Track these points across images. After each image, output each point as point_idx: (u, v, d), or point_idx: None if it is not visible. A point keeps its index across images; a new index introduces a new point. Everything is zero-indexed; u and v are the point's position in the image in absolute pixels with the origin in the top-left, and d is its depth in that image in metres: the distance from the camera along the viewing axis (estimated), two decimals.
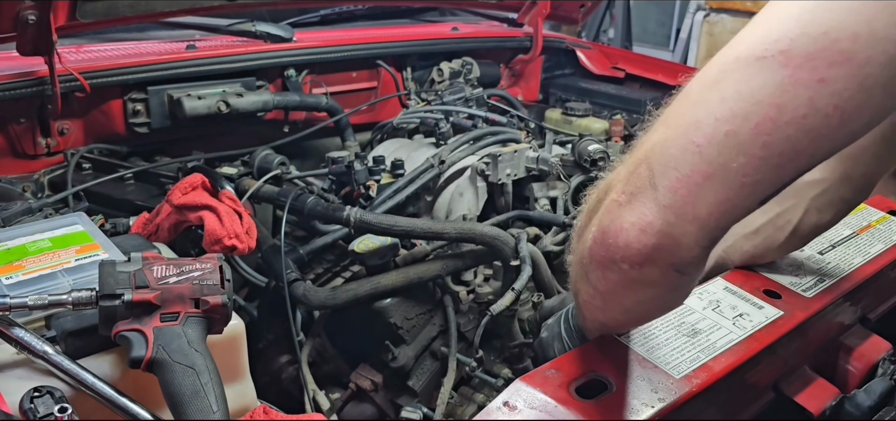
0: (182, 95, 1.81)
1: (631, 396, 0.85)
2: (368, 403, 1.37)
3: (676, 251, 0.68)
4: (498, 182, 1.69)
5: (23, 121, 1.70)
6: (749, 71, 0.63)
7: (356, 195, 1.60)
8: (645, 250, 0.69)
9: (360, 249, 1.38)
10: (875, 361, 1.13)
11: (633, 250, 0.69)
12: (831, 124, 0.61)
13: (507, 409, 0.83)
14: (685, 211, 0.66)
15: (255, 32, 2.07)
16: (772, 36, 0.62)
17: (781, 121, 0.61)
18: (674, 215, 0.66)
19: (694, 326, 0.98)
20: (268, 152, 1.74)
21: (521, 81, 2.68)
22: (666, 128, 0.68)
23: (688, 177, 0.65)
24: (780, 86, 0.61)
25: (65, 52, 1.71)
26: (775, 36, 0.62)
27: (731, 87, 0.64)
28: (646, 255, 0.69)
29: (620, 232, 0.70)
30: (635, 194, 0.68)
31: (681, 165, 0.65)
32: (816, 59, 0.60)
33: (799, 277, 1.13)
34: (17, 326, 0.89)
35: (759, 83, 0.62)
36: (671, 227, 0.67)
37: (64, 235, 1.14)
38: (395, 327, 1.36)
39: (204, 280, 0.95)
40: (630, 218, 0.68)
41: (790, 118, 0.61)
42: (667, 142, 0.67)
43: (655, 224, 0.67)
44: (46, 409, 0.82)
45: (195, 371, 0.88)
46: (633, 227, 0.68)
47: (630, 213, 0.68)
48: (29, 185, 1.66)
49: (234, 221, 1.28)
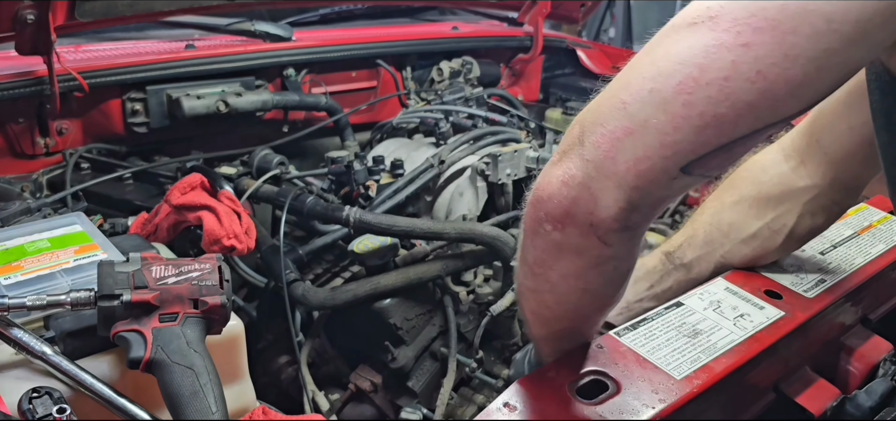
0: (181, 95, 1.81)
1: (631, 397, 0.85)
2: (368, 404, 1.37)
3: (594, 208, 0.69)
4: (498, 182, 1.68)
5: (21, 120, 1.70)
6: (680, 35, 0.65)
7: (355, 195, 1.60)
8: (565, 202, 0.70)
9: (359, 250, 1.38)
10: (876, 361, 1.13)
11: (554, 203, 0.71)
12: (753, 90, 0.62)
13: (507, 409, 0.82)
14: (605, 165, 0.67)
15: (254, 32, 2.06)
16: (705, 4, 0.64)
17: (703, 80, 0.62)
18: (594, 169, 0.67)
19: (695, 327, 0.98)
20: (267, 152, 1.74)
21: (522, 81, 2.68)
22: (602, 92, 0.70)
23: (611, 132, 0.66)
24: (704, 48, 0.62)
25: (63, 51, 1.71)
26: (708, 4, 0.64)
27: (661, 50, 0.66)
28: (566, 208, 0.70)
29: (546, 186, 0.71)
30: (566, 152, 0.70)
31: (606, 121, 0.67)
32: (742, 23, 0.61)
33: (800, 277, 1.13)
34: (16, 327, 0.89)
35: (686, 45, 0.64)
36: (591, 180, 0.68)
37: (62, 236, 1.14)
38: (395, 328, 1.36)
39: (203, 280, 0.94)
40: (556, 173, 0.70)
41: (711, 79, 0.62)
42: (599, 102, 0.69)
43: (577, 177, 0.69)
44: (45, 409, 0.82)
45: (194, 372, 0.87)
46: (558, 180, 0.70)
47: (557, 168, 0.70)
48: (27, 185, 1.66)
49: (233, 221, 1.28)
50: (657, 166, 0.66)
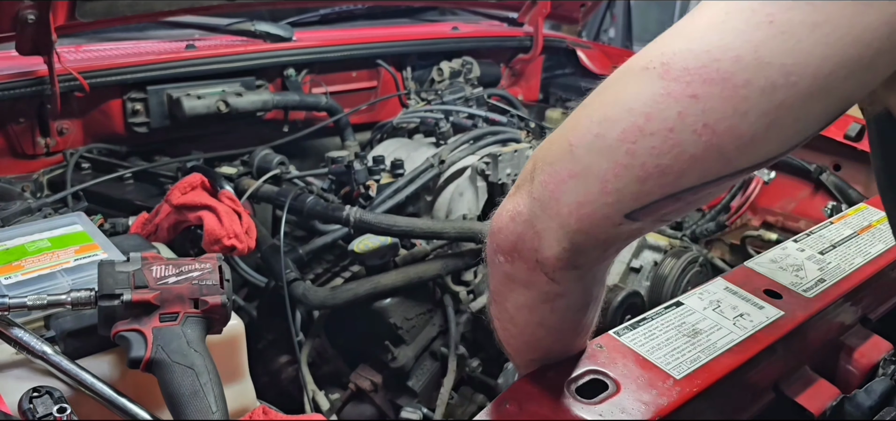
0: (181, 95, 1.81)
1: (631, 396, 0.85)
2: (368, 404, 1.37)
3: (539, 246, 0.69)
4: (498, 182, 1.69)
5: (22, 120, 1.70)
6: (629, 79, 0.64)
7: (356, 195, 1.60)
8: (512, 237, 0.71)
9: (359, 249, 1.38)
10: (876, 361, 1.13)
11: (502, 236, 0.72)
12: (699, 143, 0.60)
13: (507, 409, 0.82)
14: (550, 205, 0.67)
15: (255, 32, 2.07)
16: (659, 49, 0.63)
17: (647, 130, 0.61)
18: (540, 208, 0.68)
19: (694, 326, 0.98)
20: (267, 152, 1.74)
21: (522, 81, 2.68)
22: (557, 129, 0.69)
23: (557, 173, 0.66)
24: (652, 96, 0.61)
25: (64, 51, 1.71)
26: (662, 49, 0.62)
27: (611, 94, 0.65)
28: (512, 242, 0.71)
29: (498, 218, 0.73)
30: (519, 186, 0.71)
31: (554, 162, 0.67)
32: (692, 74, 0.59)
33: (799, 276, 1.13)
34: (16, 326, 0.89)
35: (634, 91, 0.62)
36: (536, 218, 0.68)
37: (63, 235, 1.14)
38: (395, 327, 1.36)
39: (203, 280, 0.94)
40: (508, 206, 0.72)
41: (656, 129, 0.61)
42: (552, 139, 0.69)
43: (523, 213, 0.69)
44: (45, 409, 0.82)
45: (194, 371, 0.87)
46: (507, 214, 0.71)
47: (509, 202, 0.72)
48: (28, 185, 1.66)
49: (234, 220, 1.28)
50: (599, 212, 0.65)
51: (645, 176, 0.62)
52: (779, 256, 1.19)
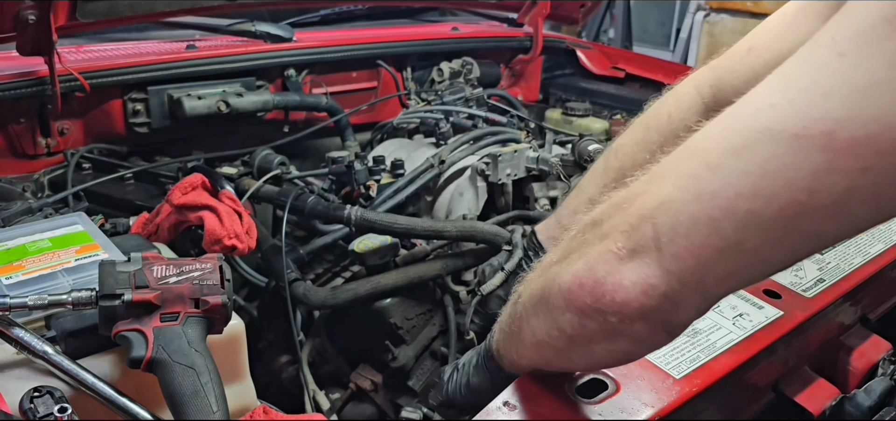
0: (182, 95, 1.82)
1: (631, 396, 0.85)
2: (368, 403, 1.37)
3: (675, 315, 0.66)
4: (498, 182, 1.69)
5: (23, 121, 1.70)
6: (781, 148, 0.57)
7: (356, 195, 1.60)
8: (643, 310, 0.65)
9: (360, 249, 1.38)
10: (875, 360, 1.13)
11: (631, 308, 0.66)
12: (865, 213, 0.58)
13: (507, 408, 0.83)
14: (691, 280, 0.63)
15: (255, 32, 2.07)
16: (813, 113, 0.56)
17: (811, 206, 0.57)
18: (678, 283, 0.63)
19: (694, 326, 0.98)
20: (268, 152, 1.74)
21: (521, 81, 2.68)
22: (676, 187, 0.63)
23: (698, 247, 0.61)
24: (816, 170, 0.56)
25: (65, 51, 1.71)
26: (818, 113, 0.56)
27: (758, 162, 0.58)
28: (643, 314, 0.66)
29: (619, 288, 0.66)
30: (638, 252, 0.65)
31: (692, 235, 0.61)
32: (863, 146, 0.55)
33: (799, 276, 1.13)
34: (17, 326, 0.89)
35: (791, 163, 0.57)
36: (675, 293, 0.64)
37: (64, 235, 1.14)
38: (395, 327, 1.36)
39: (204, 280, 0.95)
40: (631, 276, 0.65)
41: (822, 205, 0.57)
42: (677, 204, 0.63)
43: (659, 287, 0.64)
44: (46, 409, 0.82)
45: (195, 371, 0.88)
46: (635, 286, 0.65)
47: (632, 271, 0.65)
48: (29, 185, 1.66)
49: (234, 220, 1.28)
50: (746, 279, 0.64)
51: (799, 243, 0.60)
52: None
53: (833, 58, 0.56)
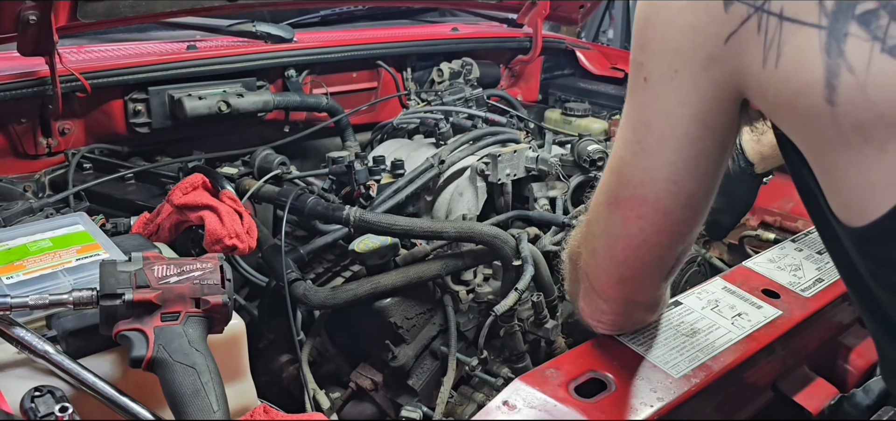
0: (183, 95, 1.82)
1: (630, 396, 0.85)
2: (368, 403, 1.37)
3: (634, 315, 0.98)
4: (497, 182, 1.69)
5: (24, 121, 1.70)
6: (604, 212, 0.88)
7: (356, 195, 1.60)
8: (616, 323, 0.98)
9: (360, 249, 1.38)
10: (873, 360, 1.13)
11: (614, 325, 0.98)
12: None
13: (507, 408, 0.83)
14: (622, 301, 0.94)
15: (256, 33, 2.07)
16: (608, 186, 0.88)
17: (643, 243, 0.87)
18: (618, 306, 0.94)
19: (693, 326, 0.99)
20: (268, 152, 1.74)
21: (521, 82, 2.68)
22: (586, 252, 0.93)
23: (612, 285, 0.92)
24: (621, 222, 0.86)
25: (66, 52, 1.71)
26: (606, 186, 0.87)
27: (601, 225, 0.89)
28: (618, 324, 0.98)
29: (600, 317, 0.97)
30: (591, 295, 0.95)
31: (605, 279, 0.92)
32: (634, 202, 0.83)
33: (798, 276, 1.13)
34: (18, 326, 0.90)
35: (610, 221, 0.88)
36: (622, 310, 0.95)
37: (65, 235, 1.14)
38: (395, 327, 1.37)
39: (204, 280, 0.95)
40: (598, 309, 0.95)
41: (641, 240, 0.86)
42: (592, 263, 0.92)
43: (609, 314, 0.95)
44: (47, 408, 0.82)
45: (196, 370, 0.88)
46: (604, 315, 0.96)
47: (597, 307, 0.95)
48: (30, 185, 1.67)
49: (235, 220, 1.29)
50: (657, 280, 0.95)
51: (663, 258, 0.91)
52: (777, 256, 1.20)
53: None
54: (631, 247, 0.85)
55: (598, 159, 1.73)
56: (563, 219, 1.60)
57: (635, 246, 0.85)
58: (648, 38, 0.77)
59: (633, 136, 0.80)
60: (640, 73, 0.78)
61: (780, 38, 0.67)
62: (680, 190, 0.80)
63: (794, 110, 0.69)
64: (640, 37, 0.78)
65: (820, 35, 0.65)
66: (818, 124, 0.67)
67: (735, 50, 0.70)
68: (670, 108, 0.76)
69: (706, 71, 0.73)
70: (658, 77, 0.76)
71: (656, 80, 0.76)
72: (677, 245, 0.87)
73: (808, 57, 0.65)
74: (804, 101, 0.67)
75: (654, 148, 0.78)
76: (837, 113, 0.65)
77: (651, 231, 0.83)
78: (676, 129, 0.76)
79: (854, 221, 0.69)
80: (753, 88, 0.72)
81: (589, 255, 0.92)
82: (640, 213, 0.82)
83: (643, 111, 0.79)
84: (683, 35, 0.73)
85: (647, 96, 0.78)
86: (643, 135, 0.79)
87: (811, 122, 0.68)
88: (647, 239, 0.84)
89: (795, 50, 0.66)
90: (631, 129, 0.81)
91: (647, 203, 0.81)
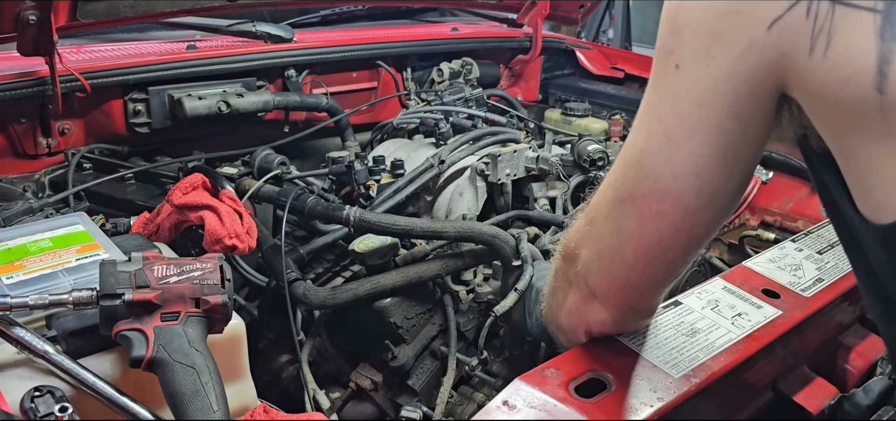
0: (183, 95, 1.82)
1: (630, 396, 0.85)
2: (368, 403, 1.37)
3: (630, 322, 0.95)
4: (497, 182, 1.69)
5: (23, 121, 1.70)
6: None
7: (356, 195, 1.60)
8: (609, 330, 0.94)
9: (360, 249, 1.38)
10: (874, 360, 1.13)
11: (603, 330, 0.94)
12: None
13: (507, 408, 0.83)
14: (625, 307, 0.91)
15: (256, 33, 2.07)
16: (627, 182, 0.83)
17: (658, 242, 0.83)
18: (618, 313, 0.91)
19: (693, 326, 0.99)
20: (268, 152, 1.74)
21: (521, 82, 2.68)
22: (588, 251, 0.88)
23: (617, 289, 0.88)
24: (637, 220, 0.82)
25: (65, 52, 1.71)
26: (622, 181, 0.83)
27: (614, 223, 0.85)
28: (611, 330, 0.94)
29: (592, 325, 0.93)
30: (589, 300, 0.90)
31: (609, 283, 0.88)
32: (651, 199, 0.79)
33: (798, 276, 1.13)
34: (18, 326, 0.90)
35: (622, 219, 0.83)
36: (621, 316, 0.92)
37: (64, 235, 1.14)
38: (395, 327, 1.37)
39: (204, 280, 0.95)
40: (593, 317, 0.92)
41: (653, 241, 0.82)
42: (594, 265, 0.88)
43: (609, 321, 0.91)
44: (47, 408, 0.82)
45: (195, 370, 0.88)
46: (597, 322, 0.92)
47: (591, 314, 0.92)
48: (30, 185, 1.67)
49: (235, 220, 1.29)
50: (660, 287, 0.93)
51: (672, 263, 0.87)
52: (777, 256, 1.20)
53: None
54: (643, 249, 0.81)
55: (598, 159, 1.73)
56: (563, 219, 1.60)
57: (648, 248, 0.81)
58: (683, 23, 0.73)
59: (659, 126, 0.75)
60: (670, 60, 0.74)
61: (831, 23, 0.64)
62: (705, 185, 0.75)
63: (837, 101, 0.66)
64: (673, 21, 0.74)
65: (875, 19, 0.62)
66: (862, 115, 0.64)
67: (779, 37, 0.67)
68: (704, 97, 0.72)
69: (745, 59, 0.69)
70: (691, 63, 0.72)
71: (689, 66, 0.72)
72: (693, 250, 0.83)
73: (860, 43, 0.63)
74: (851, 90, 0.64)
75: (682, 138, 0.74)
76: (885, 101, 0.62)
77: (668, 231, 0.79)
78: (709, 120, 0.72)
79: (885, 218, 0.67)
80: (795, 78, 0.68)
81: (592, 256, 0.87)
82: (659, 210, 0.77)
83: (672, 99, 0.74)
84: (723, 19, 0.69)
85: (679, 84, 0.73)
86: (671, 124, 0.74)
87: (854, 113, 0.65)
88: (662, 240, 0.80)
89: (847, 36, 0.64)
90: (656, 119, 0.76)
91: (668, 198, 0.76)
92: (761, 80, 0.70)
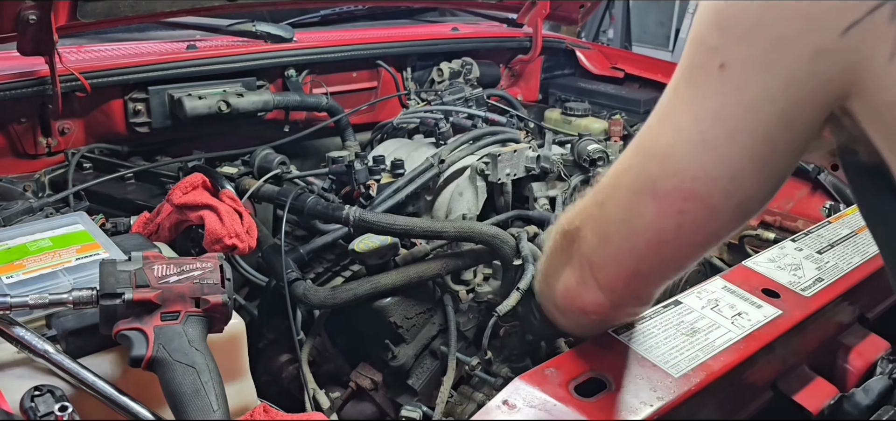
0: (183, 95, 1.82)
1: (630, 395, 0.85)
2: (368, 402, 1.37)
3: (627, 309, 0.95)
4: (497, 182, 1.69)
5: (24, 120, 1.71)
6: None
7: (356, 195, 1.60)
8: (606, 316, 0.93)
9: (359, 249, 1.38)
10: (873, 359, 1.13)
11: (599, 314, 0.91)
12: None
13: (507, 407, 0.83)
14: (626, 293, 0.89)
15: (256, 32, 2.07)
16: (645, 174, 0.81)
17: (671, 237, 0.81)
18: (618, 298, 0.88)
19: (692, 325, 0.99)
20: (268, 152, 1.74)
21: (521, 81, 2.68)
22: (593, 234, 0.85)
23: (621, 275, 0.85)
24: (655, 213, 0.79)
25: (65, 51, 1.71)
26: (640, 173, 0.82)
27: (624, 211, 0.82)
28: (607, 317, 0.94)
29: (586, 305, 0.90)
30: (588, 282, 0.88)
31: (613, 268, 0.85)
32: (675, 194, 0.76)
33: (798, 275, 1.13)
34: (18, 325, 0.90)
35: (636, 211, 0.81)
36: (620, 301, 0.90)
37: (64, 235, 1.14)
38: (395, 326, 1.37)
39: (204, 279, 0.95)
40: (589, 298, 0.89)
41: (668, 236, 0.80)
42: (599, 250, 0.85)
43: (606, 304, 0.88)
44: (47, 408, 0.82)
45: (195, 370, 0.88)
46: (594, 304, 0.89)
47: (588, 295, 0.89)
48: (30, 185, 1.67)
49: (235, 220, 1.29)
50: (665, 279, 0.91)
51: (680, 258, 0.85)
52: (777, 256, 1.20)
53: (689, 10, 0.78)
54: (658, 242, 0.77)
55: (598, 159, 1.73)
56: None
57: (664, 242, 0.77)
58: (733, 20, 0.67)
59: (694, 126, 0.71)
60: (714, 59, 0.68)
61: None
62: (737, 190, 0.71)
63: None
64: (721, 16, 0.69)
65: None
66: None
67: (855, 42, 0.62)
68: (754, 103, 0.67)
69: (810, 65, 0.64)
70: (742, 66, 0.67)
71: (739, 69, 0.67)
72: (708, 248, 0.80)
73: None
74: None
75: (719, 142, 0.69)
76: None
77: (690, 229, 0.75)
78: (755, 126, 0.68)
79: None
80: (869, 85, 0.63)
81: (598, 240, 0.83)
82: (683, 207, 0.73)
83: (713, 101, 0.69)
84: (789, 22, 0.64)
85: (723, 86, 0.68)
86: (708, 126, 0.70)
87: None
88: (680, 235, 0.76)
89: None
90: (690, 117, 0.71)
91: (695, 199, 0.72)
92: (822, 88, 0.66)
